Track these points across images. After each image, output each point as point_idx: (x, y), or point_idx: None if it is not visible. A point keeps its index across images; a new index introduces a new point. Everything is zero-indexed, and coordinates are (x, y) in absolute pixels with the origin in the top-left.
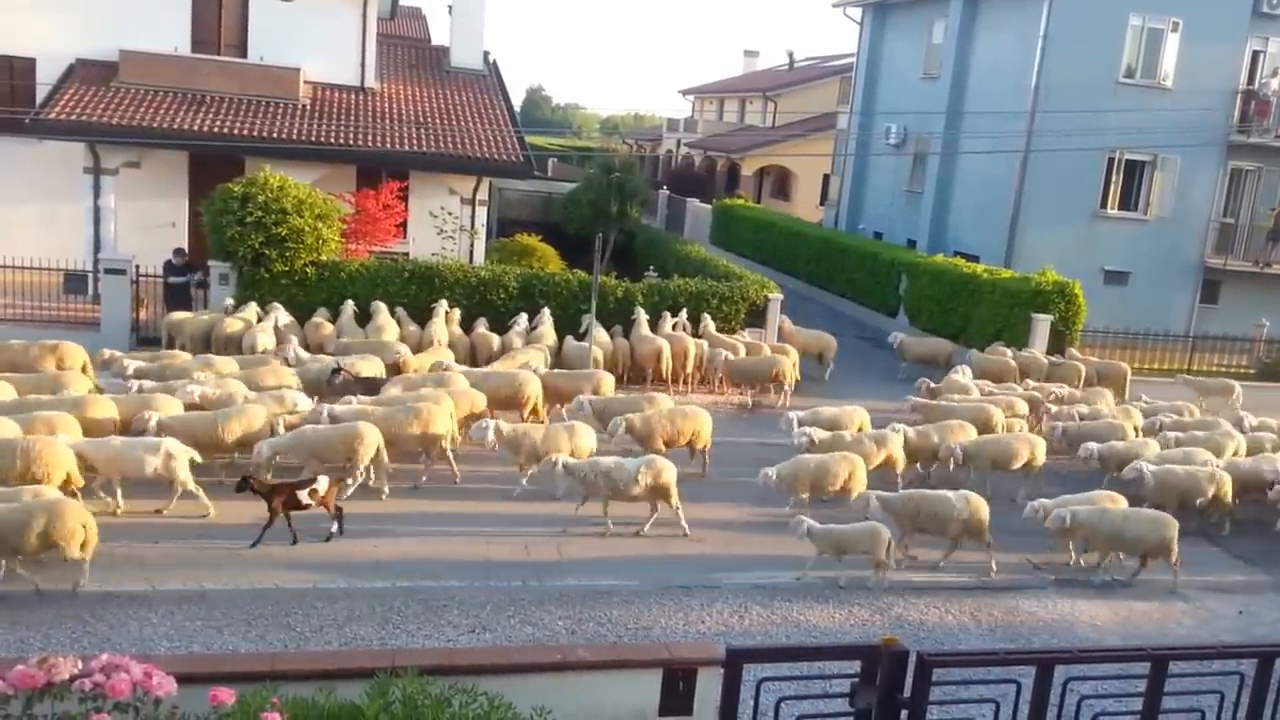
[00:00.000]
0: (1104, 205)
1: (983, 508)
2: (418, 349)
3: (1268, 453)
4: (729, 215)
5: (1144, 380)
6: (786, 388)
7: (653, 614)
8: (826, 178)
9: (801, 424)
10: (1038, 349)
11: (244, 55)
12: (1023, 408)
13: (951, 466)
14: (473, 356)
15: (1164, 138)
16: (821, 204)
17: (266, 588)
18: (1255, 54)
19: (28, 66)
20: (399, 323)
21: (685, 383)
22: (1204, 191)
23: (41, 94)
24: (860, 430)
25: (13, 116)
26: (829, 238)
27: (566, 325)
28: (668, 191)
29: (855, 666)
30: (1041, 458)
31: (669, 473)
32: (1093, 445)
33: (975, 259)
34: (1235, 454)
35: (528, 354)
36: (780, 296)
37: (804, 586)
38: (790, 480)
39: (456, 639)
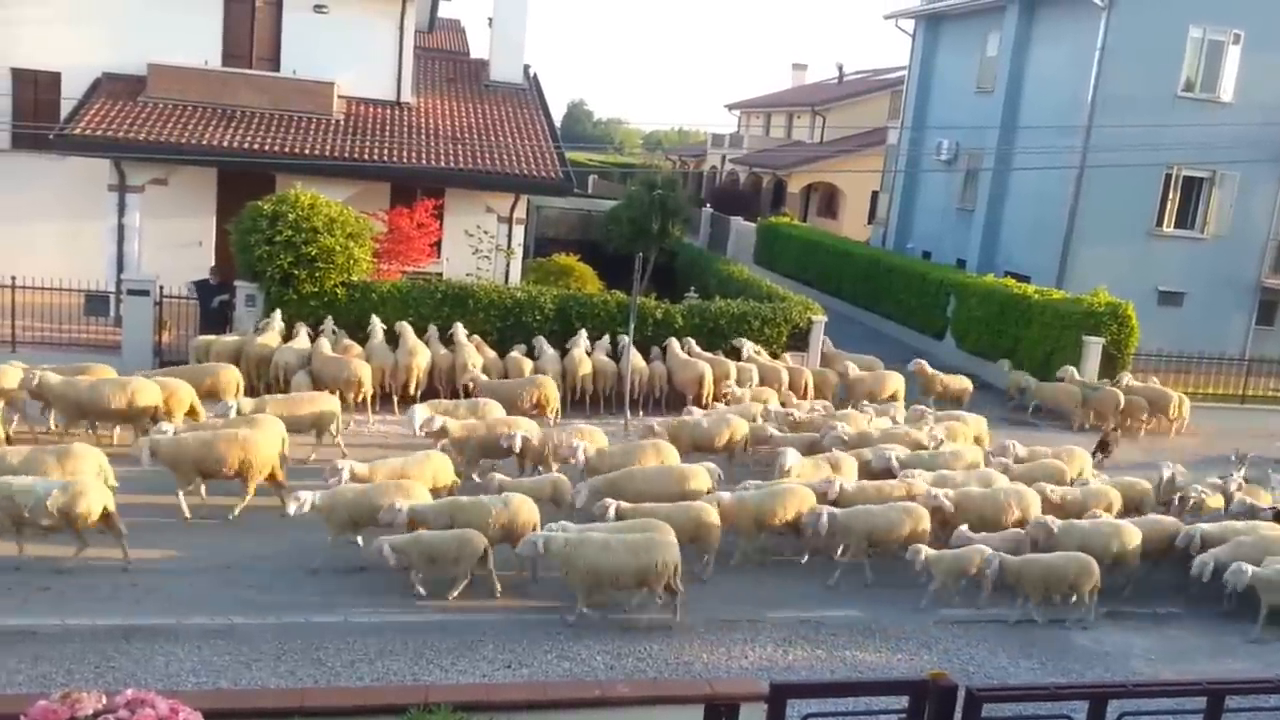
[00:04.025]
0: (1160, 223)
1: (525, 509)
2: (450, 372)
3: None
4: (774, 234)
5: (1200, 405)
6: (549, 415)
7: (694, 649)
8: (875, 195)
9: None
10: (1089, 373)
11: (277, 69)
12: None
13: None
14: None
15: (1223, 153)
16: (870, 222)
17: (296, 621)
18: None
19: (52, 80)
20: (428, 344)
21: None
22: (1263, 209)
23: (66, 109)
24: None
25: (37, 131)
26: (876, 257)
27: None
28: (711, 209)
29: (903, 702)
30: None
31: (87, 499)
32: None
33: (1026, 279)
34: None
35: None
36: (824, 318)
37: (850, 621)
38: (328, 510)
39: (492, 674)
